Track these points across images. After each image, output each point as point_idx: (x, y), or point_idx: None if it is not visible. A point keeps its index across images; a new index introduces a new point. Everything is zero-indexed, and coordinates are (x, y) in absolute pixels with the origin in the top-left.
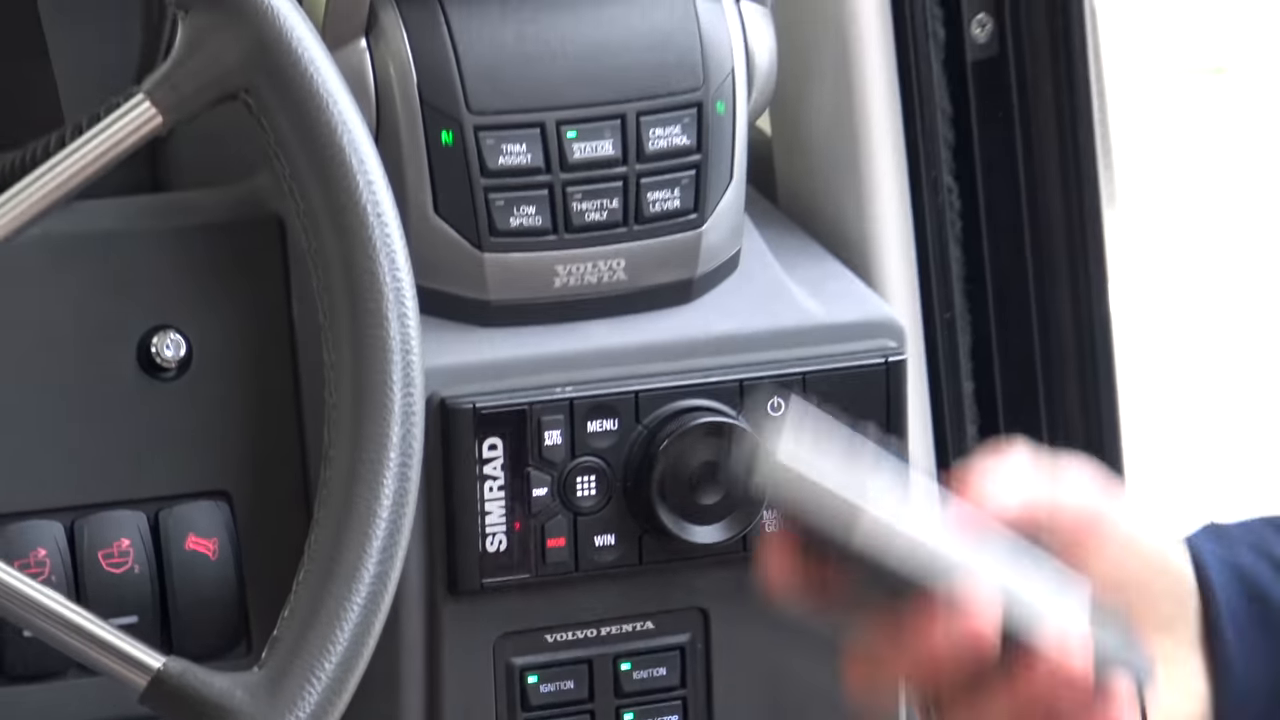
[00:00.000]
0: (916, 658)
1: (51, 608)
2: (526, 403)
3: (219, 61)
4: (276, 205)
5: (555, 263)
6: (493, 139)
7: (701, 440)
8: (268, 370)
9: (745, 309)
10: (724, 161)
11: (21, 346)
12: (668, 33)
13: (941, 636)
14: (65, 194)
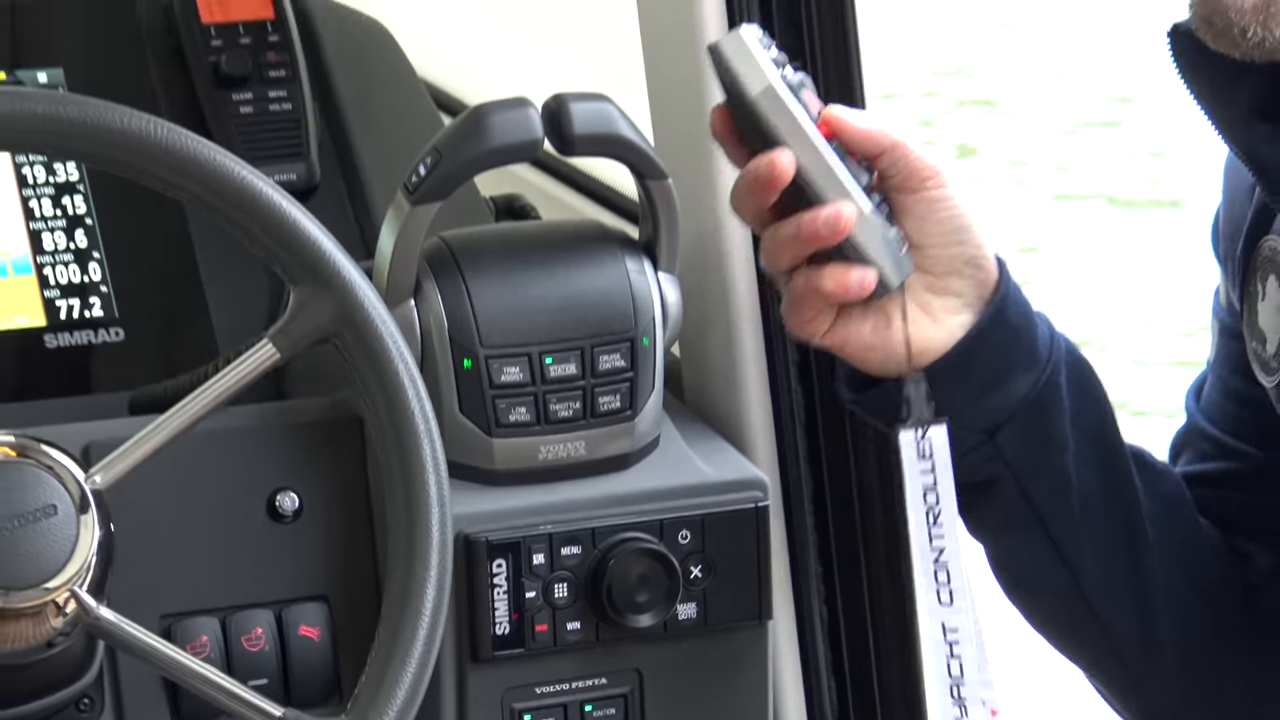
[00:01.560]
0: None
1: (210, 676)
2: (521, 536)
3: (316, 319)
4: (356, 410)
5: (539, 444)
6: (497, 364)
7: (635, 560)
8: (351, 517)
9: (663, 473)
10: (649, 376)
11: (192, 502)
12: (610, 293)
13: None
14: (221, 402)
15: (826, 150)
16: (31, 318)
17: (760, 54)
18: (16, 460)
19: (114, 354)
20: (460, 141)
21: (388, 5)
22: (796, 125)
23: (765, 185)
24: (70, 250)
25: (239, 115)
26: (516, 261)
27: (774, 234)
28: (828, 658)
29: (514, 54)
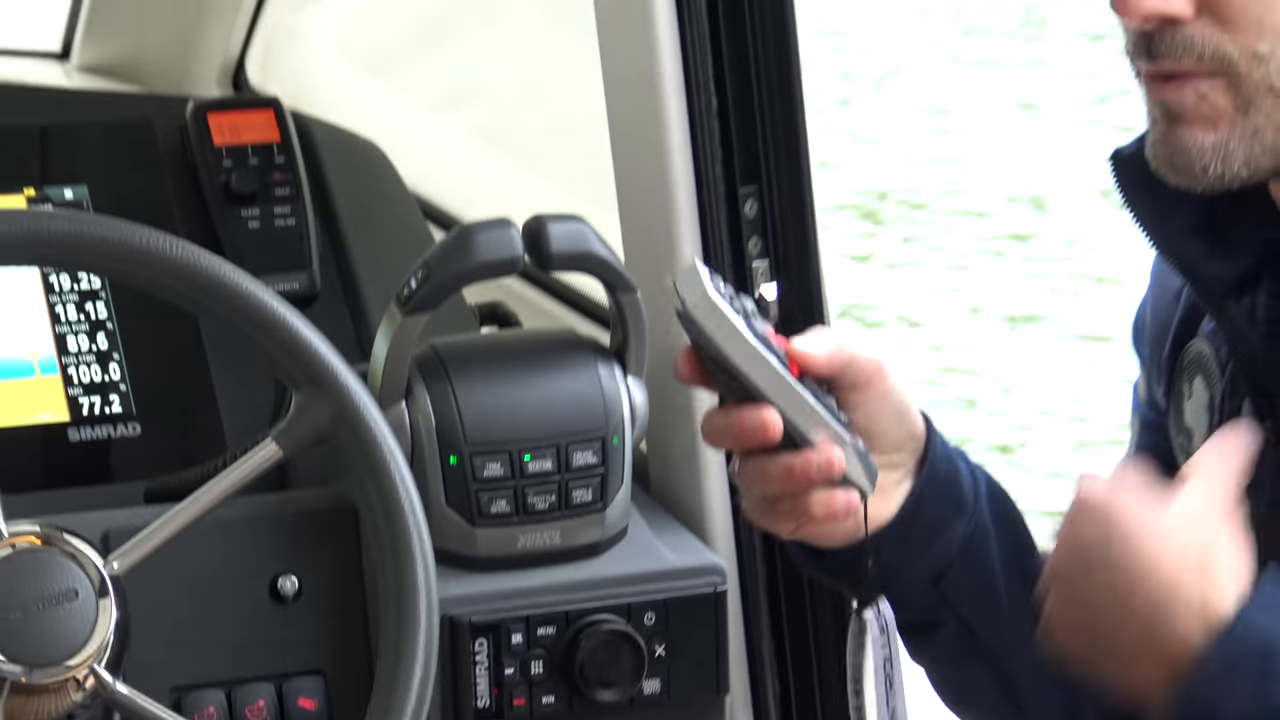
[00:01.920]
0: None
1: None
2: (500, 618)
3: (316, 421)
4: (352, 501)
5: (517, 533)
6: (480, 460)
7: (605, 640)
8: (346, 598)
9: (631, 560)
10: (618, 471)
11: (201, 584)
12: (583, 396)
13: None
14: (230, 494)
15: (805, 395)
16: (56, 413)
17: (727, 310)
18: (42, 548)
19: (131, 447)
20: (448, 258)
21: (383, 128)
22: (776, 378)
23: (753, 440)
24: (92, 352)
25: (247, 230)
26: (498, 367)
27: (760, 467)
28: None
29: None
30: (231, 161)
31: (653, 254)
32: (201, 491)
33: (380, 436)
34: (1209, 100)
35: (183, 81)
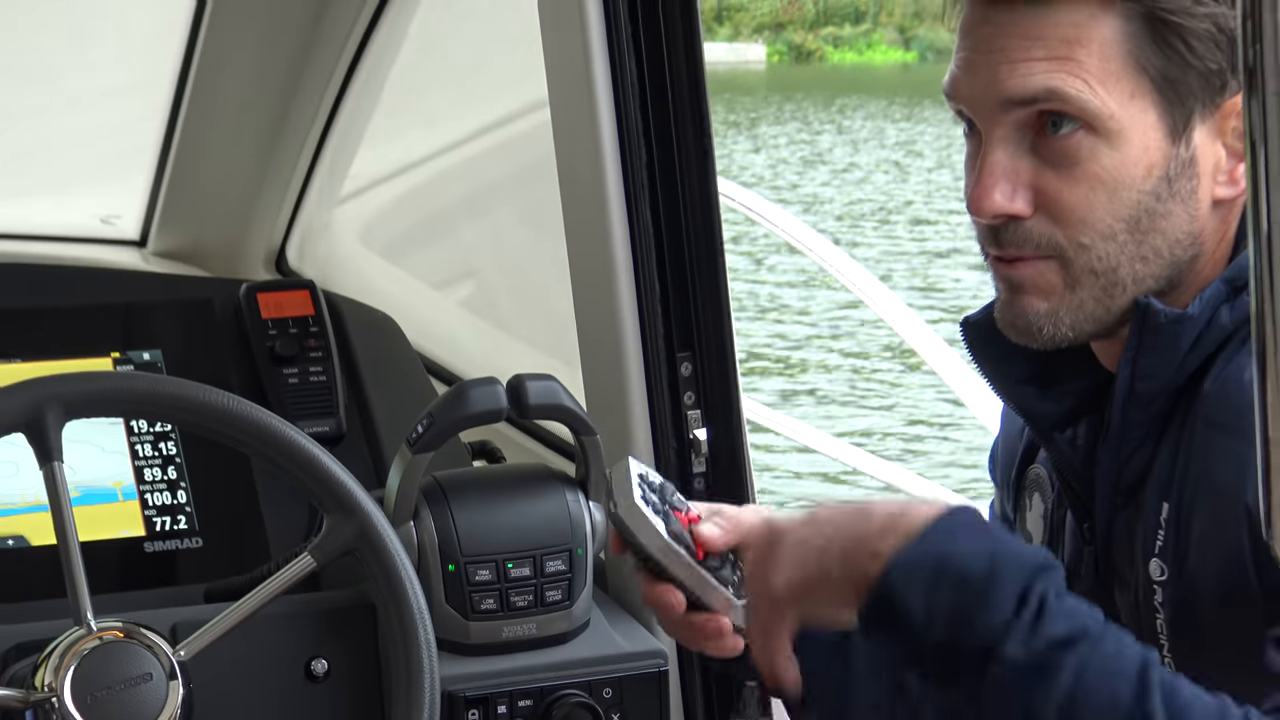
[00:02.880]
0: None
1: None
2: (489, 693)
3: (342, 538)
4: (370, 600)
5: (502, 626)
6: (472, 568)
7: (572, 710)
8: (365, 677)
9: (592, 645)
10: (582, 576)
11: (251, 666)
12: (554, 516)
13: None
14: (274, 596)
15: (705, 575)
16: (134, 530)
17: (650, 514)
18: (123, 640)
19: (194, 557)
20: (447, 409)
21: (394, 300)
22: (684, 566)
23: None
24: (164, 481)
25: (288, 384)
26: (487, 494)
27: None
28: None
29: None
30: (276, 331)
31: (610, 406)
32: (252, 594)
33: (394, 550)
34: (1044, 277)
35: (236, 264)
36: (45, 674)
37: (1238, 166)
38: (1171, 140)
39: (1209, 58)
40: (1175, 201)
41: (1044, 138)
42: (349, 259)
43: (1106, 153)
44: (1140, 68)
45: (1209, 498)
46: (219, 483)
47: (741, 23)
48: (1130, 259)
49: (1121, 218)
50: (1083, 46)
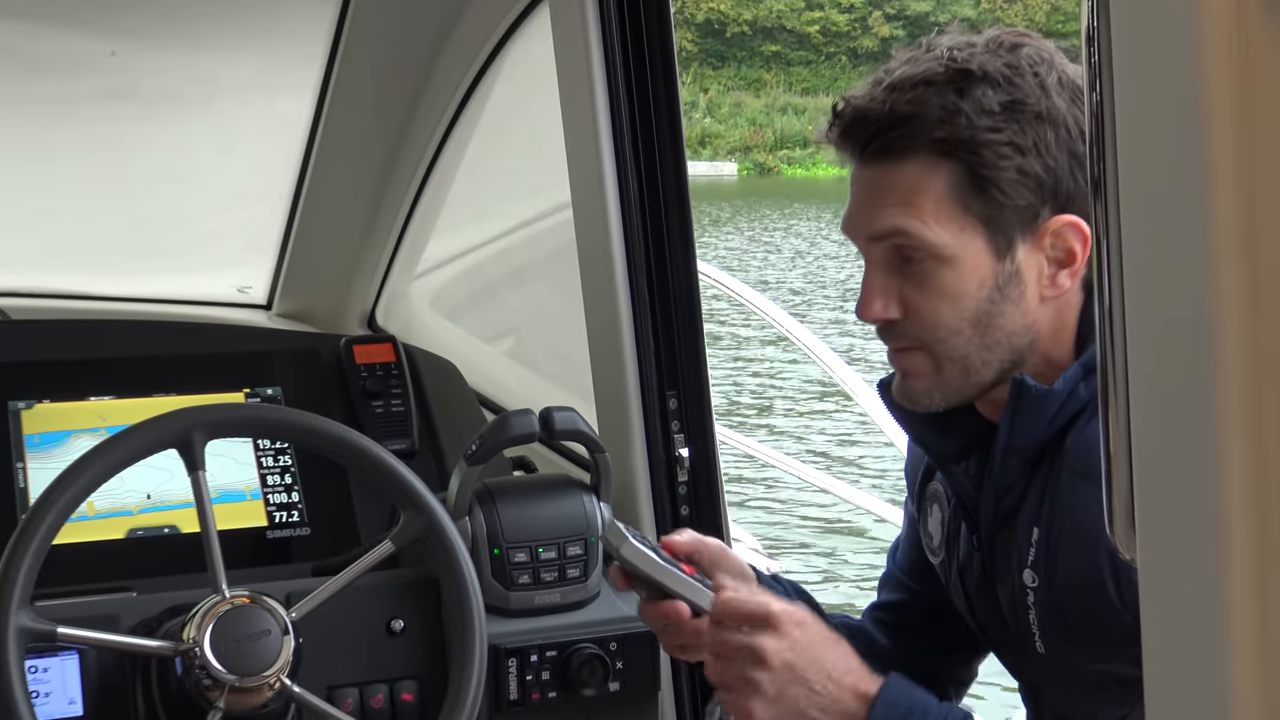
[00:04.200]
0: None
1: None
2: (524, 645)
3: (415, 529)
4: (434, 575)
5: (534, 595)
6: (512, 551)
7: (586, 659)
8: (431, 633)
9: (602, 611)
10: (594, 558)
11: (345, 625)
12: (574, 514)
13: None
14: (364, 571)
15: (696, 584)
16: (259, 522)
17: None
18: (250, 604)
19: (304, 542)
20: (494, 432)
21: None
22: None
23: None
24: (282, 485)
25: (375, 414)
26: (523, 496)
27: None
28: (688, 708)
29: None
30: (366, 374)
31: (616, 430)
32: (347, 570)
33: (453, 539)
34: (918, 365)
35: (339, 323)
36: (190, 630)
37: (1058, 272)
38: (998, 259)
39: (1019, 197)
40: (1007, 304)
41: (905, 262)
42: (422, 319)
43: (947, 274)
44: (967, 208)
45: (1074, 532)
46: (323, 487)
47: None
48: (977, 349)
49: (965, 320)
50: (921, 195)
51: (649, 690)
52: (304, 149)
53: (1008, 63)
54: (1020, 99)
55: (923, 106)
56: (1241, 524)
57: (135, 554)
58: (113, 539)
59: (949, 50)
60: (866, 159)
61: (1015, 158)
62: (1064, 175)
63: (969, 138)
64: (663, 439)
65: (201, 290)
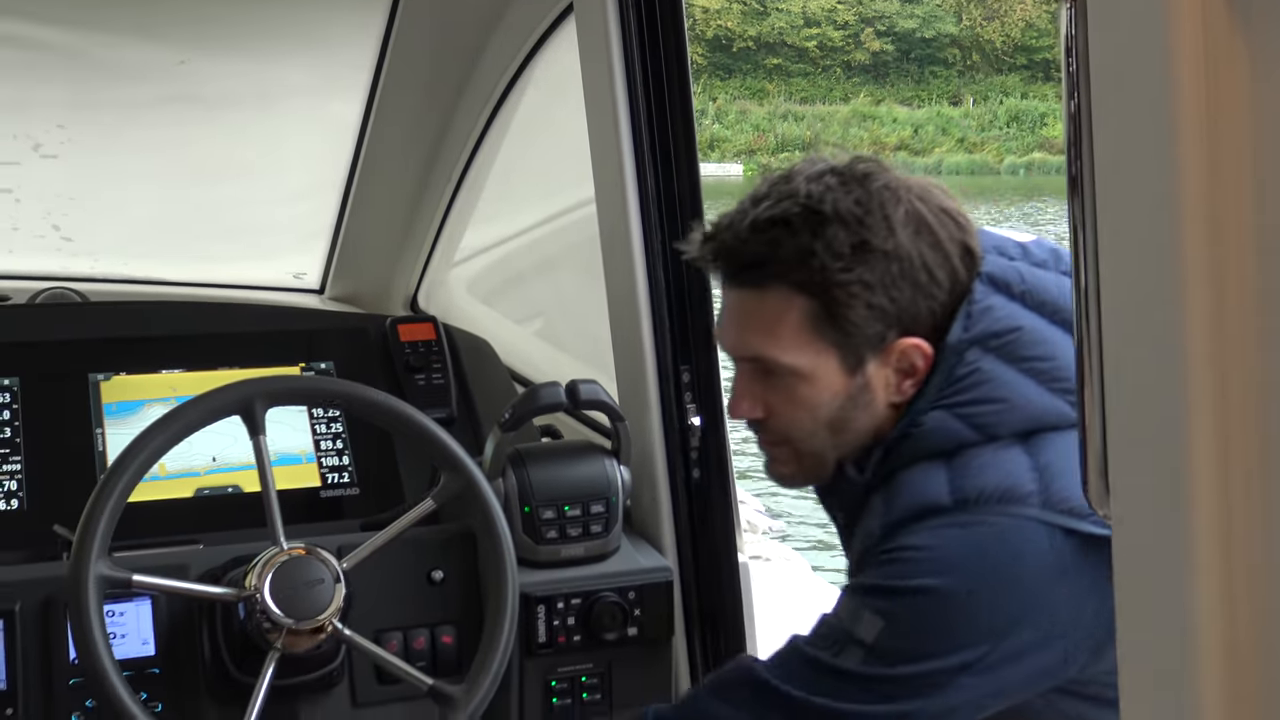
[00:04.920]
0: None
1: (396, 662)
2: (551, 594)
3: (453, 489)
4: (471, 530)
5: (561, 549)
6: (541, 509)
7: (607, 606)
8: (468, 583)
9: (622, 563)
10: (616, 515)
11: (390, 575)
12: (596, 476)
13: None
14: (407, 527)
15: None
16: (313, 483)
17: None
18: (305, 555)
19: (353, 501)
20: (525, 402)
21: (489, 331)
22: None
23: None
24: (334, 450)
25: (418, 386)
26: (551, 460)
27: None
28: (699, 651)
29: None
30: (410, 350)
31: (635, 400)
32: (392, 525)
33: (489, 497)
34: (782, 454)
35: (384, 305)
36: (252, 578)
37: (903, 381)
38: (850, 375)
39: (868, 327)
40: (858, 410)
41: (768, 374)
42: (459, 303)
43: (804, 387)
44: (821, 335)
45: None
46: (371, 451)
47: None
48: (831, 446)
49: (821, 423)
50: (780, 324)
51: (665, 635)
52: (354, 147)
53: (858, 199)
54: (868, 239)
55: (780, 249)
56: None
57: (202, 511)
58: (182, 497)
59: (806, 186)
60: (733, 285)
61: (864, 294)
62: (906, 304)
63: (822, 279)
64: (676, 409)
65: (259, 276)
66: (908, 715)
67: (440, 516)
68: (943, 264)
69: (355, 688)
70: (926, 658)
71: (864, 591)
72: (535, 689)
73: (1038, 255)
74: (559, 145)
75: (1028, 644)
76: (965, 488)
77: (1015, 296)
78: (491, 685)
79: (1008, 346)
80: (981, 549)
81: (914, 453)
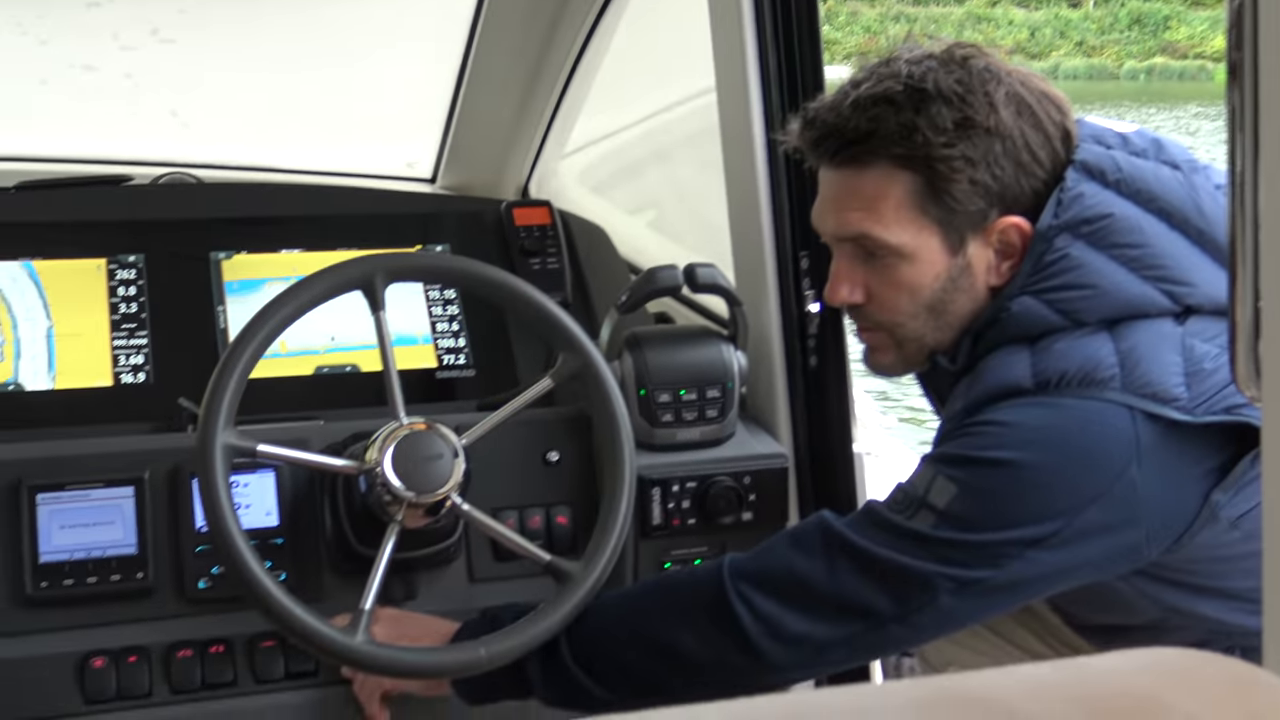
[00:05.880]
0: None
1: (514, 537)
2: (667, 476)
3: (572, 367)
4: (586, 412)
5: (676, 432)
6: (657, 393)
7: (722, 490)
8: (583, 464)
9: (737, 448)
10: (732, 400)
11: (508, 454)
12: (713, 360)
13: None
14: (524, 406)
15: None
16: (429, 364)
17: None
18: (426, 430)
19: (469, 383)
20: (643, 284)
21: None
22: None
23: None
24: (450, 332)
25: (533, 270)
26: (668, 343)
27: None
28: None
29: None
30: (525, 234)
31: (753, 286)
32: (511, 403)
33: (607, 378)
34: (880, 343)
35: (496, 194)
36: (373, 452)
37: (1002, 263)
38: (951, 255)
39: (970, 204)
40: (958, 293)
41: (869, 256)
42: (570, 193)
43: (906, 268)
44: (924, 212)
45: None
46: (486, 333)
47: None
48: (931, 330)
49: (921, 306)
50: (883, 201)
51: (778, 521)
52: (467, 35)
53: (959, 79)
54: (971, 116)
55: (883, 124)
56: None
57: (321, 389)
58: (301, 375)
59: (907, 67)
60: (833, 166)
61: (967, 170)
62: (1009, 181)
63: (925, 154)
64: (795, 295)
65: (375, 166)
66: (974, 583)
67: (555, 399)
68: (1044, 145)
69: (472, 564)
70: (997, 528)
71: (941, 460)
72: (649, 570)
73: (1137, 144)
74: (676, 33)
75: (1101, 524)
76: (1047, 370)
77: (1109, 184)
78: (608, 563)
79: (1098, 233)
80: (1060, 427)
81: (999, 338)
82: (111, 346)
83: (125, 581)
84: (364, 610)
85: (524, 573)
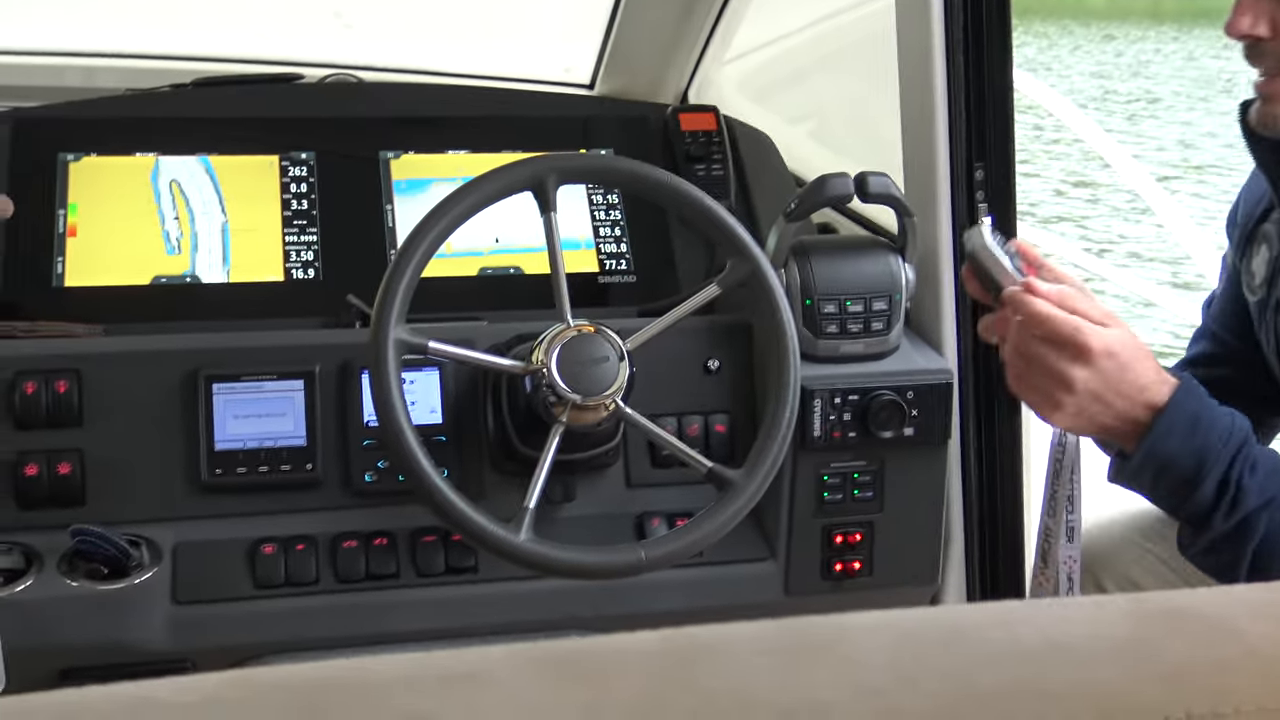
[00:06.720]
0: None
1: (674, 441)
2: (829, 388)
3: (739, 274)
4: (747, 320)
5: (840, 344)
6: (823, 303)
7: (885, 404)
8: (743, 373)
9: (901, 362)
10: (898, 314)
11: (670, 361)
12: (881, 272)
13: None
14: (687, 314)
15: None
16: (592, 268)
17: (999, 252)
18: (592, 333)
19: (630, 289)
20: (812, 192)
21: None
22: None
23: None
24: (612, 237)
25: (697, 176)
26: (835, 253)
27: None
28: (975, 459)
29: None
30: (690, 139)
31: (924, 198)
32: (676, 309)
33: (774, 285)
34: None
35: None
36: (539, 353)
37: None
38: None
39: None
40: None
41: None
42: (731, 101)
43: None
44: None
45: None
46: (647, 237)
47: None
48: None
49: None
50: None
51: (940, 438)
52: None
53: None
54: None
55: None
56: None
57: (485, 290)
58: (466, 275)
59: None
60: None
61: None
62: None
63: None
64: (968, 207)
65: (534, 71)
66: None
67: (716, 307)
68: None
69: (629, 469)
70: None
71: None
72: (807, 482)
73: None
74: None
75: None
76: None
77: None
78: (769, 472)
79: None
80: None
81: None
82: (284, 242)
83: (295, 472)
84: (528, 508)
85: (681, 480)
